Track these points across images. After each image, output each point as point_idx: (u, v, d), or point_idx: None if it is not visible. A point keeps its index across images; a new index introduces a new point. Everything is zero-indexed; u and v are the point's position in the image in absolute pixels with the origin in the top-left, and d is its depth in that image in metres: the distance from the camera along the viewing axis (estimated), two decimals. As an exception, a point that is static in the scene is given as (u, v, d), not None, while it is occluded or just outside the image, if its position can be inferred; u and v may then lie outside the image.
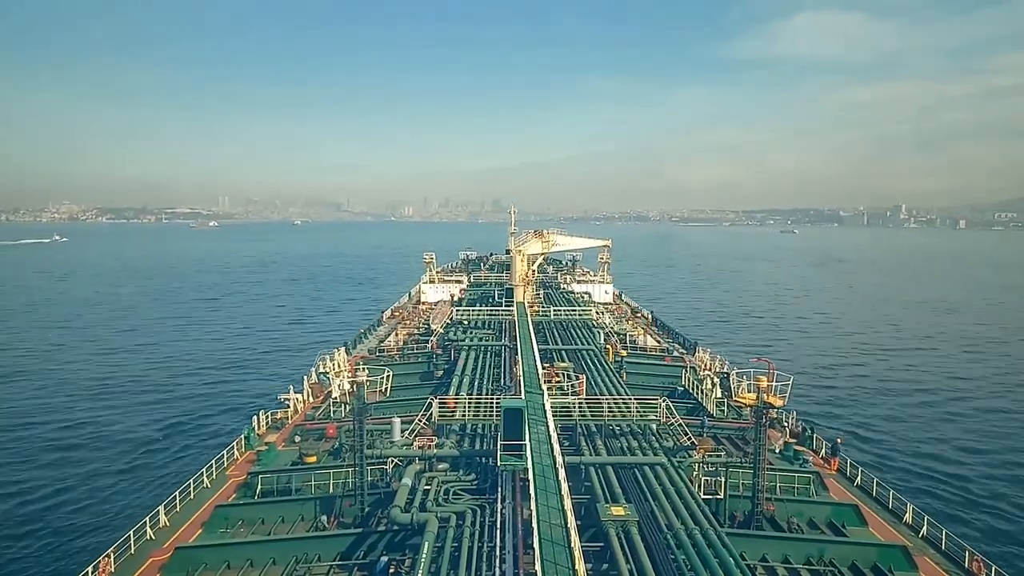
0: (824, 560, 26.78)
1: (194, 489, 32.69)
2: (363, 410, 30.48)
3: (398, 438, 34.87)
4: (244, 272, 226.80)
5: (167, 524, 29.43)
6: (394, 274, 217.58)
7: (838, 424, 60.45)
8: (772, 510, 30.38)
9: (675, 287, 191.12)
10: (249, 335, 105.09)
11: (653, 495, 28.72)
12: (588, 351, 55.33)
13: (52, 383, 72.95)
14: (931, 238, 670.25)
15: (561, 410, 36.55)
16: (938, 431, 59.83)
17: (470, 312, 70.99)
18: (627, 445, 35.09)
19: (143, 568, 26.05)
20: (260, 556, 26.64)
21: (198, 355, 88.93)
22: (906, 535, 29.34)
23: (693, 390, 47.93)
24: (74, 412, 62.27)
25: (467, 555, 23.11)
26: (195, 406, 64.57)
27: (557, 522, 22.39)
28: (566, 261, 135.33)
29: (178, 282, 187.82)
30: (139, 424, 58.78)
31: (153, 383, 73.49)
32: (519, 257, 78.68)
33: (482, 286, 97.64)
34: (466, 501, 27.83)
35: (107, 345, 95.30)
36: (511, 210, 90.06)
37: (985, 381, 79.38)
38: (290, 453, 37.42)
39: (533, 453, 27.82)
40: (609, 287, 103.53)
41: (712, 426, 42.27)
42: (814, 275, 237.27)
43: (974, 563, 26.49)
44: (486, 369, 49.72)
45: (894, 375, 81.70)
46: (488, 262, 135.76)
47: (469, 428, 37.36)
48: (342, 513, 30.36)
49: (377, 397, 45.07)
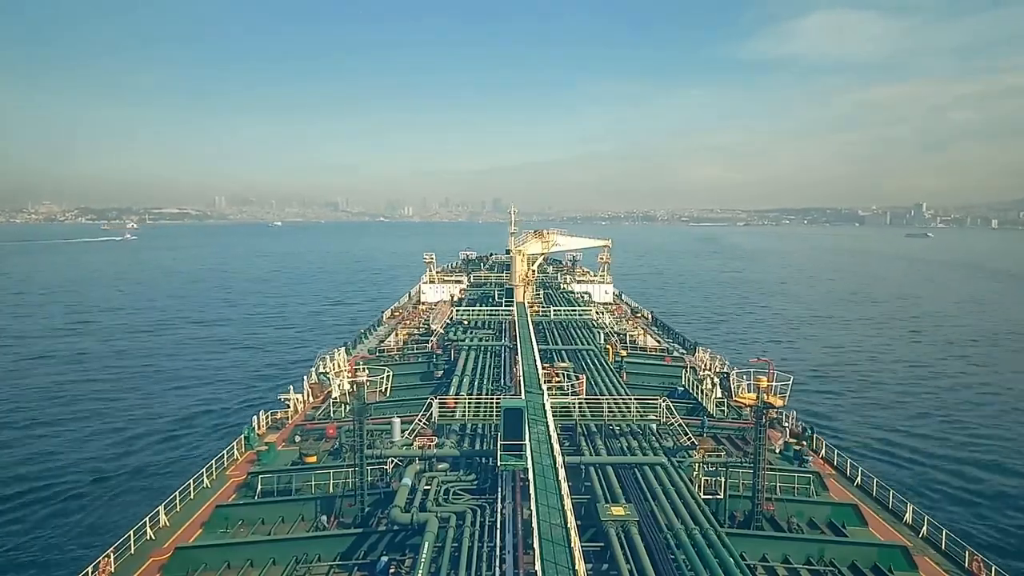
0: (824, 560, 26.78)
1: (194, 489, 32.68)
2: (363, 410, 30.47)
3: (398, 438, 34.85)
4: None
5: (167, 524, 29.42)
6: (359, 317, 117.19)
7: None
8: (772, 510, 30.38)
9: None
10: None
11: (653, 495, 28.72)
12: (588, 351, 55.33)
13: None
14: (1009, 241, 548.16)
15: (561, 410, 36.56)
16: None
17: (470, 312, 71.00)
18: (627, 445, 35.08)
19: (143, 568, 26.05)
20: (260, 556, 26.63)
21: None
22: (906, 535, 29.34)
23: (693, 390, 47.94)
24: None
25: (467, 555, 23.12)
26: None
27: (557, 522, 22.39)
28: (566, 261, 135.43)
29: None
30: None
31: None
32: (519, 257, 78.70)
33: (482, 286, 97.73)
34: (466, 501, 27.84)
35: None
36: (511, 210, 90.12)
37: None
38: (290, 453, 37.41)
39: (533, 453, 27.83)
40: (609, 287, 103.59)
41: (712, 426, 42.28)
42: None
43: (974, 563, 26.49)
44: (486, 369, 49.70)
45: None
46: (488, 262, 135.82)
47: (469, 428, 37.33)
48: (342, 513, 30.35)
49: (377, 397, 45.11)
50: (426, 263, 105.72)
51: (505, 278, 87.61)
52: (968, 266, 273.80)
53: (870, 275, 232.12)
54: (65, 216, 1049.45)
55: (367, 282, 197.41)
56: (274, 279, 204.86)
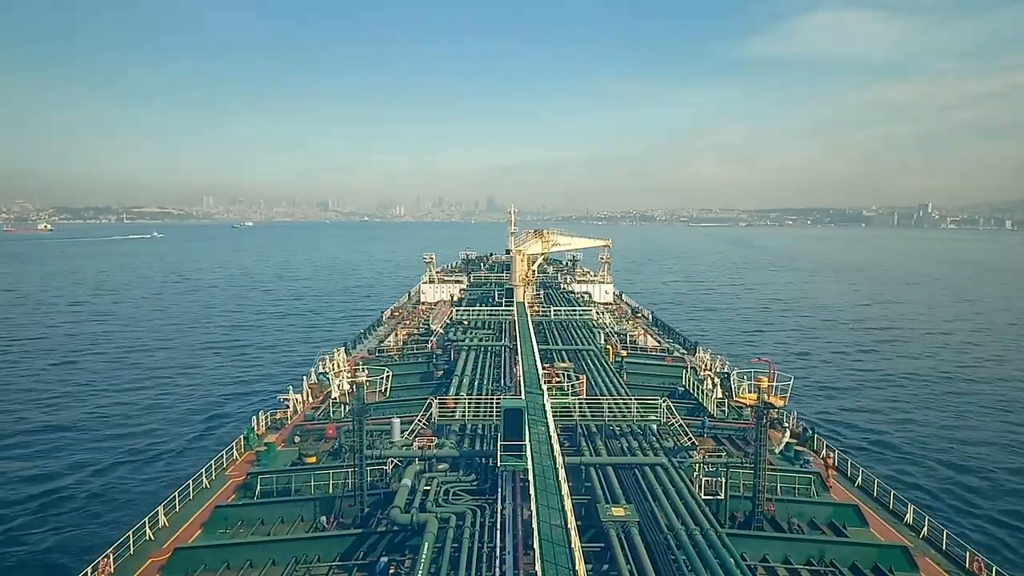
0: (825, 561, 26.74)
1: (193, 489, 32.62)
2: (363, 410, 30.41)
3: (398, 438, 34.81)
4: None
5: (166, 524, 29.37)
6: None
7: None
8: (772, 510, 30.33)
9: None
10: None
11: (653, 495, 28.66)
12: (588, 351, 55.27)
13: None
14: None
15: (561, 410, 36.48)
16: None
17: (470, 312, 70.94)
18: (627, 445, 35.02)
19: (142, 569, 26.00)
20: (259, 557, 26.59)
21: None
22: (907, 535, 29.30)
23: (693, 390, 47.87)
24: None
25: (467, 556, 23.07)
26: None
27: (557, 523, 22.35)
28: (566, 261, 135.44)
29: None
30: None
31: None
32: (519, 257, 78.68)
33: (482, 286, 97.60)
34: (466, 502, 27.79)
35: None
36: (511, 210, 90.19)
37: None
38: (290, 453, 37.36)
39: (533, 453, 27.81)
40: (609, 287, 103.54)
41: (713, 426, 42.19)
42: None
43: (975, 563, 26.45)
44: (486, 369, 49.63)
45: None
46: (488, 262, 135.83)
47: (469, 428, 37.26)
48: (342, 514, 30.29)
49: (377, 397, 45.24)
50: (426, 263, 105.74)
51: (505, 278, 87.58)
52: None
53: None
54: (37, 216, 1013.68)
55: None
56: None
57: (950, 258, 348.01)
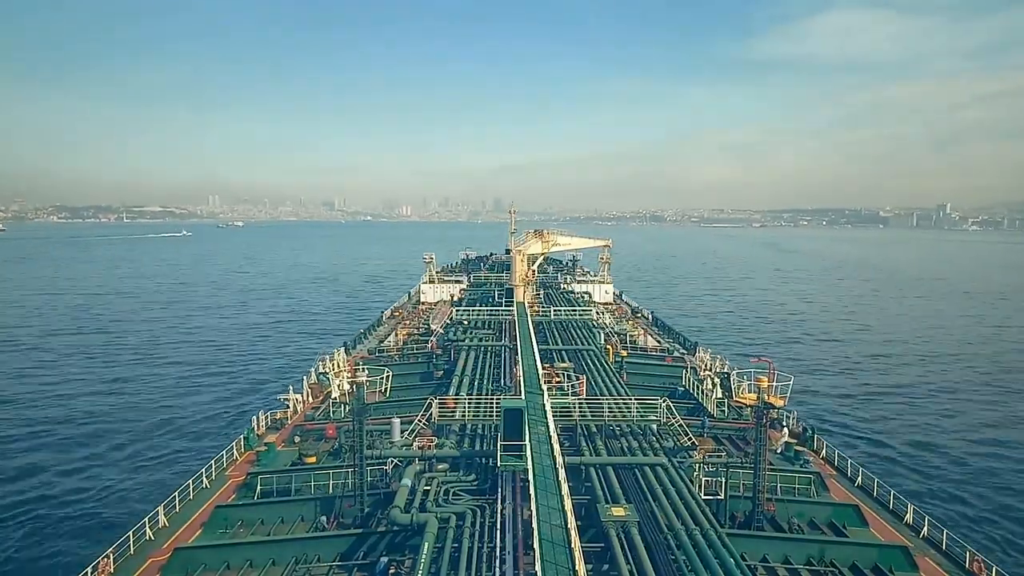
0: (825, 561, 26.73)
1: (193, 489, 32.62)
2: (363, 410, 30.40)
3: (398, 438, 34.81)
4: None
5: (166, 524, 29.36)
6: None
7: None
8: (773, 510, 30.32)
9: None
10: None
11: (654, 495, 28.67)
12: (588, 351, 55.26)
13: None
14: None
15: (561, 410, 36.50)
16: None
17: (470, 312, 70.94)
18: (627, 445, 35.02)
19: (142, 569, 26.00)
20: (260, 557, 26.59)
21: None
22: (907, 536, 29.29)
23: (693, 390, 47.86)
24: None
25: (467, 556, 23.08)
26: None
27: (557, 523, 22.36)
28: (566, 261, 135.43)
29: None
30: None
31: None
32: (519, 257, 78.68)
33: (482, 286, 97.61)
34: (466, 502, 27.80)
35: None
36: (511, 210, 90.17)
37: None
38: (290, 453, 37.35)
39: (533, 453, 27.82)
40: (609, 287, 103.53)
41: (713, 426, 42.20)
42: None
43: (975, 563, 26.44)
44: (486, 369, 49.64)
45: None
46: (488, 262, 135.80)
47: (469, 428, 37.28)
48: (342, 514, 30.29)
49: (377, 397, 45.21)
50: (426, 263, 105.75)
51: (505, 278, 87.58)
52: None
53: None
54: (36, 215, 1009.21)
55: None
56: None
57: (1013, 263, 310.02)
